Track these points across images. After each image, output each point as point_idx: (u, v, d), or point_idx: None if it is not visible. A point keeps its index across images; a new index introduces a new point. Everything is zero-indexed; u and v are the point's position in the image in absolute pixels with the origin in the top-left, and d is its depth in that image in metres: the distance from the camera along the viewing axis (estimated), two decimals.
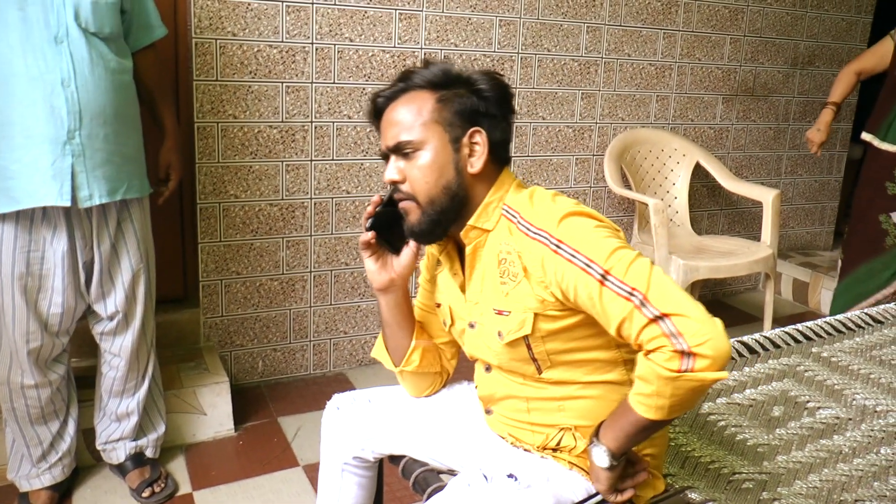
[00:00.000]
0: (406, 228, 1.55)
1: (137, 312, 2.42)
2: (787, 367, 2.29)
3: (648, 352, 1.30)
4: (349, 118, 3.15)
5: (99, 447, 2.58)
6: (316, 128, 3.09)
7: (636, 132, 3.95)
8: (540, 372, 1.51)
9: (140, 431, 2.58)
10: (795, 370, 2.27)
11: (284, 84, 3.01)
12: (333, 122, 3.12)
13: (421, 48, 3.22)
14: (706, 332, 1.25)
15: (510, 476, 1.46)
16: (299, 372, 3.32)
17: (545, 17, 3.49)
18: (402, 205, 1.54)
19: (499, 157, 1.54)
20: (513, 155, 3.55)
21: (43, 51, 2.06)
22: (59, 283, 2.25)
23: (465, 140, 1.49)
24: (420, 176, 1.49)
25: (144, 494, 2.50)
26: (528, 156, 3.62)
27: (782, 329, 2.51)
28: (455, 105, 1.50)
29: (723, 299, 4.61)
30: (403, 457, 1.78)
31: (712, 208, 4.38)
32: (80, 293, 2.31)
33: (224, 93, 2.91)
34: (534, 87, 3.54)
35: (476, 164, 1.50)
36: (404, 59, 3.20)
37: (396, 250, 1.64)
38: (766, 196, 3.74)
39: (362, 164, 3.24)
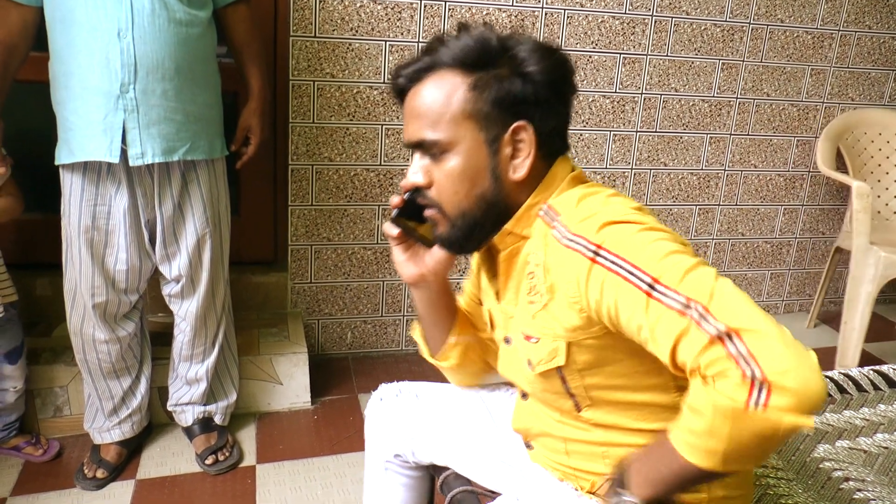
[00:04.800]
0: (435, 236, 1.30)
1: (203, 278, 2.33)
2: None
3: (710, 380, 1.00)
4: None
5: (169, 408, 2.54)
6: None
7: (863, 113, 3.51)
8: (579, 409, 1.25)
9: (210, 397, 2.52)
10: None
11: (388, 43, 2.81)
12: None
13: (541, 7, 2.94)
14: (790, 359, 0.94)
15: None
16: (390, 347, 3.17)
17: None
18: (427, 213, 1.27)
19: (551, 151, 1.24)
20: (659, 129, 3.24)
21: None
22: (122, 239, 2.18)
23: (507, 138, 1.19)
24: (448, 184, 1.21)
25: (208, 461, 2.44)
26: (655, 132, 3.29)
27: None
28: (494, 91, 1.18)
29: None
30: (447, 468, 1.58)
31: None
32: (144, 252, 2.24)
33: (322, 50, 2.75)
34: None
35: (520, 168, 1.21)
36: (522, 19, 2.93)
37: (430, 244, 1.37)
38: None
39: None
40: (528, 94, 1.19)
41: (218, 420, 2.55)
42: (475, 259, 1.47)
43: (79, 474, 2.36)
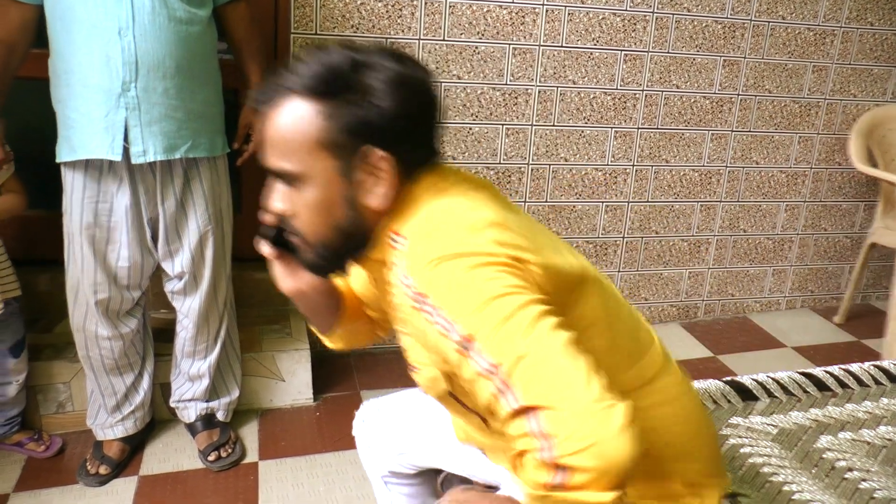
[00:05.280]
0: (301, 263, 1.26)
1: (206, 275, 2.33)
2: None
3: (519, 455, 0.97)
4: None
5: (172, 404, 2.55)
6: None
7: (890, 109, 3.52)
8: (487, 423, 1.23)
9: (212, 393, 2.53)
10: None
11: (389, 40, 2.81)
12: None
13: (542, 4, 2.94)
14: (588, 432, 0.89)
15: None
16: (391, 344, 3.17)
17: None
18: (292, 239, 1.22)
19: (412, 168, 1.17)
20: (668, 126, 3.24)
21: None
22: (124, 236, 2.19)
23: (361, 165, 1.13)
24: (306, 215, 1.16)
25: (210, 458, 2.45)
26: (657, 128, 3.29)
27: None
28: (345, 119, 1.11)
29: None
30: (443, 471, 1.59)
31: None
32: (147, 249, 2.25)
33: None
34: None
35: (376, 195, 1.14)
36: (522, 16, 2.93)
37: None
38: None
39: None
40: (382, 123, 1.12)
41: (220, 416, 2.55)
42: None
43: (81, 470, 2.36)
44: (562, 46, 3.01)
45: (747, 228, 3.55)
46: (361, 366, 3.06)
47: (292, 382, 2.77)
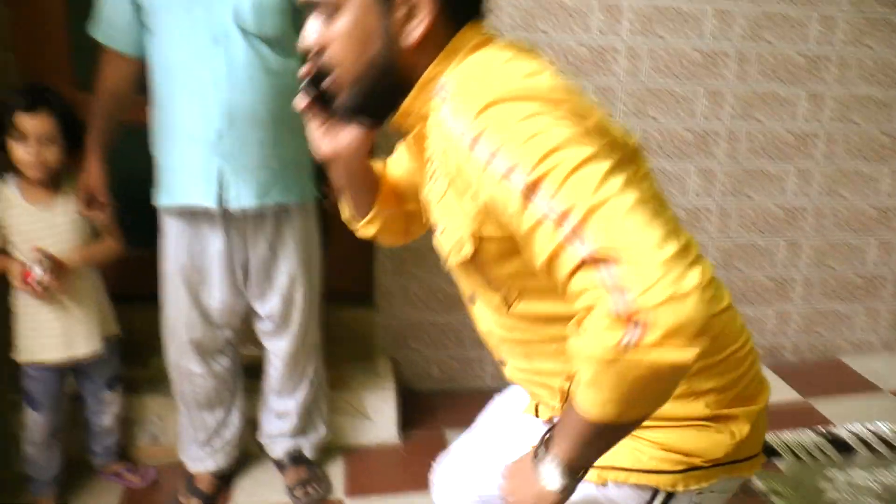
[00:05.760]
0: (335, 106, 1.20)
1: (295, 317, 2.39)
2: None
3: (581, 311, 0.91)
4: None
5: (261, 440, 2.61)
6: None
7: None
8: (509, 305, 1.16)
9: (300, 431, 2.58)
10: None
11: None
12: None
13: (623, 41, 2.95)
14: (665, 287, 0.84)
15: None
16: (475, 383, 3.19)
17: None
18: (324, 84, 1.17)
19: (458, 16, 1.11)
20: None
21: (200, 51, 2.06)
22: (217, 279, 2.28)
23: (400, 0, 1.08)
24: (339, 47, 1.11)
25: (297, 493, 2.50)
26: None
27: None
28: None
29: None
30: None
31: None
32: (238, 291, 2.32)
33: None
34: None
35: (413, 32, 1.08)
36: (602, 54, 2.94)
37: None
38: None
39: None
40: None
41: (308, 454, 2.60)
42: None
43: (174, 502, 2.43)
44: (642, 83, 3.02)
45: (836, 265, 3.47)
46: (446, 405, 3.09)
47: (378, 421, 2.80)
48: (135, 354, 2.80)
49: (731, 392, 1.21)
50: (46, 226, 2.23)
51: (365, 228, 1.45)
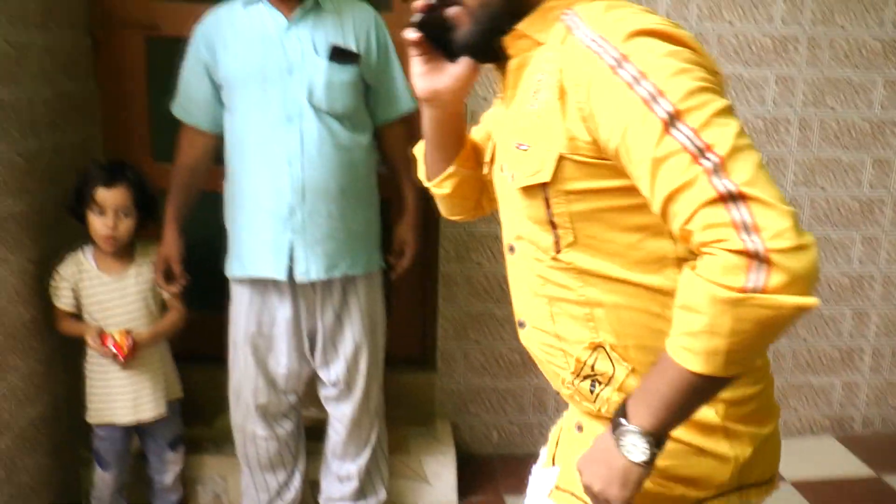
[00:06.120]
0: (455, 42, 1.21)
1: (359, 383, 2.44)
2: None
3: (700, 249, 0.93)
4: None
5: (322, 502, 2.63)
6: None
7: None
8: (558, 249, 1.14)
9: (360, 494, 2.59)
10: None
11: None
12: None
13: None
14: (795, 237, 0.88)
15: None
16: (535, 449, 3.16)
17: None
18: (449, 12, 1.18)
19: None
20: None
21: (276, 128, 2.15)
22: (284, 346, 2.33)
23: None
24: None
25: None
26: None
27: None
28: None
29: None
30: None
31: None
32: (304, 358, 2.38)
33: None
34: None
35: None
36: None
37: (451, 55, 1.27)
38: None
39: None
40: None
41: None
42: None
43: None
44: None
45: None
46: (505, 470, 3.08)
47: (437, 485, 2.82)
48: (199, 414, 2.88)
49: (743, 408, 1.18)
50: (119, 294, 2.33)
51: (440, 185, 1.43)
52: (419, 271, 3.00)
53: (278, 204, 2.16)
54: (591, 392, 1.19)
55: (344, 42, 2.21)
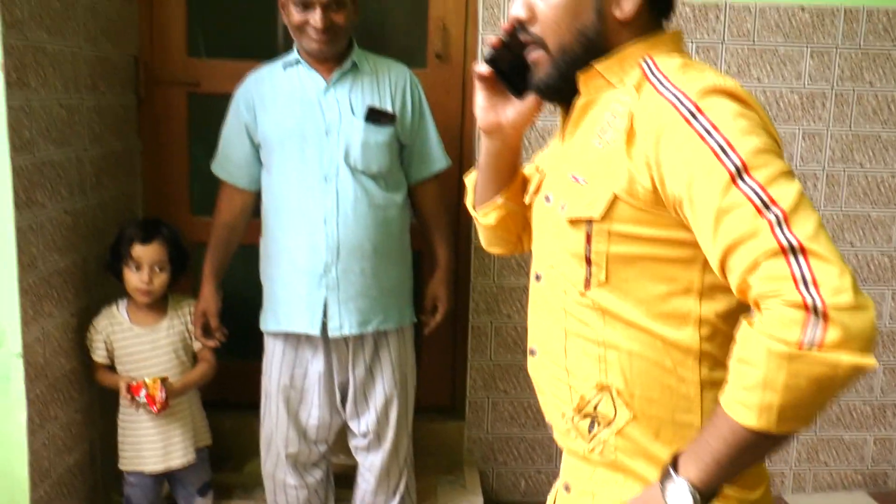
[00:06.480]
0: (530, 81, 1.24)
1: (389, 434, 2.47)
2: None
3: (758, 302, 0.95)
4: None
5: None
6: None
7: None
8: (588, 286, 1.15)
9: None
10: None
11: None
12: None
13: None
14: (853, 295, 0.89)
15: None
16: None
17: None
18: (531, 56, 1.22)
19: (660, 2, 1.19)
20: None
21: (313, 188, 2.21)
22: (316, 398, 2.38)
23: None
24: (551, 16, 1.17)
25: None
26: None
27: None
28: None
29: None
30: None
31: None
32: (335, 409, 2.42)
33: None
34: None
35: (626, 6, 1.15)
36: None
37: (518, 92, 1.30)
38: None
39: None
40: None
41: None
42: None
43: None
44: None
45: None
46: None
47: None
48: (229, 459, 2.93)
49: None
50: (150, 346, 2.40)
51: (486, 215, 1.45)
52: (450, 323, 3.04)
53: (313, 262, 2.22)
54: (589, 432, 1.20)
55: (380, 103, 2.28)
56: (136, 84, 2.77)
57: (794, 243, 0.92)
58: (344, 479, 2.71)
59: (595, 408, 1.18)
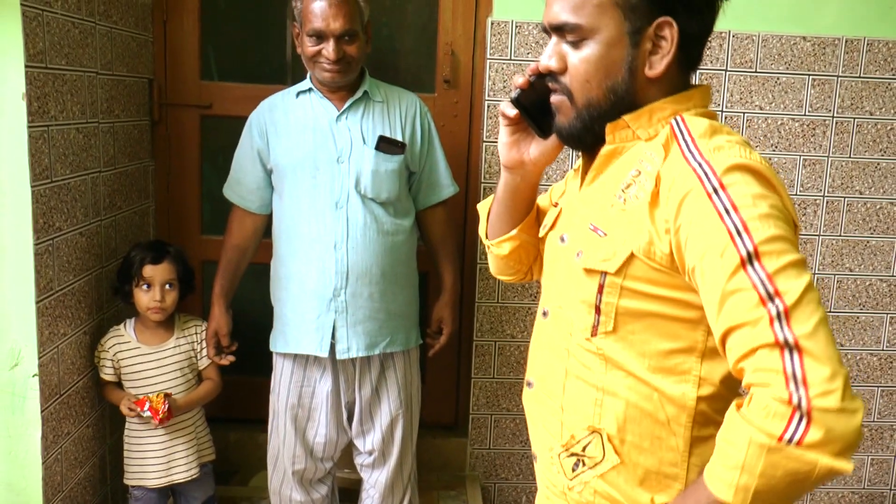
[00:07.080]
0: (554, 126, 1.26)
1: (394, 453, 2.51)
2: None
3: (748, 388, 0.98)
4: None
5: None
6: None
7: None
8: (595, 333, 1.18)
9: None
10: None
11: None
12: None
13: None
14: (841, 398, 0.91)
15: None
16: None
17: None
18: (553, 99, 1.23)
19: (690, 59, 1.20)
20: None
21: (324, 215, 2.26)
22: (323, 417, 2.42)
23: (650, 32, 1.14)
24: (582, 71, 1.17)
25: None
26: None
27: None
28: None
29: None
30: None
31: None
32: (342, 428, 2.47)
33: None
34: None
35: (657, 64, 1.16)
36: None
37: (543, 133, 1.32)
38: None
39: None
40: (687, 2, 1.15)
41: None
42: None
43: None
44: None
45: None
46: None
47: None
48: (234, 473, 2.98)
49: None
50: (156, 365, 2.45)
51: (500, 246, 1.48)
52: (454, 342, 3.08)
53: (323, 286, 2.27)
54: (573, 470, 1.23)
55: (391, 132, 2.33)
56: (150, 106, 2.83)
57: (791, 340, 0.94)
58: (348, 494, 2.76)
59: (584, 448, 1.22)
